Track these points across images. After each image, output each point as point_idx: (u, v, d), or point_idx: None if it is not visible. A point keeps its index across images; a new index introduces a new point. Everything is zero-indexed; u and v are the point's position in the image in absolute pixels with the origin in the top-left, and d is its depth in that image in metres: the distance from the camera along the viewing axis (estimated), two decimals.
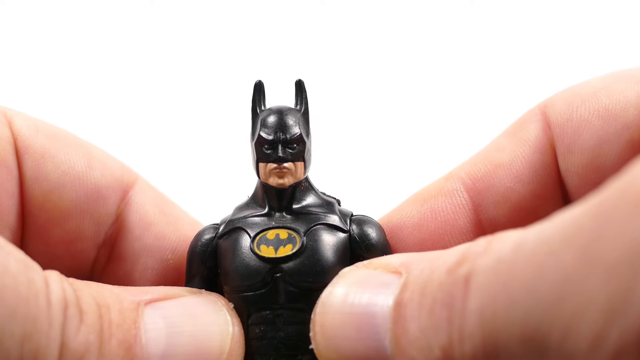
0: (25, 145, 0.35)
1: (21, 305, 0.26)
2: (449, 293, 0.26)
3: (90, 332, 0.28)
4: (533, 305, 0.23)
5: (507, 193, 0.35)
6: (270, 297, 0.31)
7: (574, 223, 0.23)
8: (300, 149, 0.33)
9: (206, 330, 0.31)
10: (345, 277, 0.30)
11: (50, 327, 0.26)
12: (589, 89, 0.35)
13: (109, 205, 0.36)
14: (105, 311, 0.29)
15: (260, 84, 0.34)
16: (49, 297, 0.27)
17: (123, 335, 0.29)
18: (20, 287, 0.26)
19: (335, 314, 0.29)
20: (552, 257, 0.23)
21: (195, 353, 0.30)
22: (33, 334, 0.26)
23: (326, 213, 0.33)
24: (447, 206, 0.35)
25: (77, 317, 0.27)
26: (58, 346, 0.27)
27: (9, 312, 0.25)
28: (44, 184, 0.35)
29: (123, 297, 0.30)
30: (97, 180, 0.36)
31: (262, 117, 0.33)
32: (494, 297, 0.24)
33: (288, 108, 0.34)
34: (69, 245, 0.36)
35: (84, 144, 0.37)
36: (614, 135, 0.33)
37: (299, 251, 0.31)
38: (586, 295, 0.22)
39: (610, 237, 0.22)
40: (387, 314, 0.28)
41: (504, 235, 0.26)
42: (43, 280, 0.27)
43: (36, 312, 0.26)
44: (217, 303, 0.32)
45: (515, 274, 0.24)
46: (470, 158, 0.37)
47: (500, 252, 0.25)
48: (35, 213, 0.35)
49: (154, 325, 0.30)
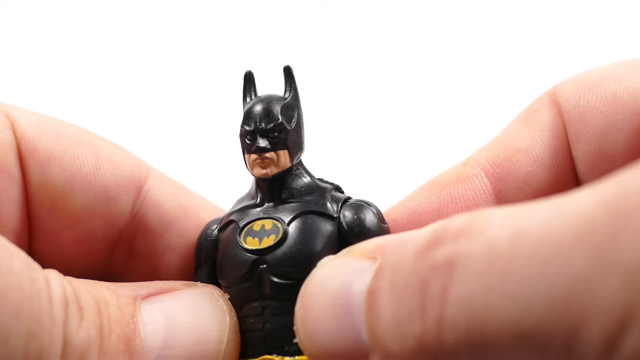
0: (30, 149, 0.34)
1: (25, 304, 0.26)
2: (421, 279, 0.24)
3: (90, 328, 0.28)
4: (534, 302, 0.22)
5: (528, 178, 0.35)
6: (257, 289, 0.31)
7: (587, 220, 0.21)
8: (282, 137, 0.32)
9: (204, 322, 0.31)
10: (324, 268, 0.29)
11: (53, 325, 0.27)
12: (596, 76, 0.34)
13: (121, 205, 0.35)
14: (103, 307, 0.29)
15: (250, 74, 0.34)
16: (50, 295, 0.27)
17: (122, 329, 0.29)
18: (24, 286, 0.26)
19: (314, 307, 0.28)
20: (561, 255, 0.21)
21: (194, 344, 0.30)
22: (37, 332, 0.26)
23: (315, 200, 0.32)
24: (468, 192, 0.35)
25: (77, 314, 0.28)
26: (61, 343, 0.27)
27: (14, 311, 0.25)
28: (51, 190, 0.34)
29: (120, 292, 0.30)
30: (106, 181, 0.35)
31: (245, 108, 0.33)
32: (487, 287, 0.23)
33: (269, 96, 0.33)
34: (81, 247, 0.35)
35: (91, 140, 0.36)
36: (621, 122, 0.33)
37: (280, 241, 0.31)
38: (600, 299, 0.21)
39: (627, 241, 0.20)
40: (361, 303, 0.26)
41: (485, 214, 0.24)
42: (44, 278, 0.27)
43: (39, 310, 0.26)
44: (213, 294, 0.32)
45: (514, 265, 0.22)
46: (488, 144, 0.36)
47: (494, 238, 0.23)
48: (43, 217, 0.34)
49: (152, 318, 0.30)
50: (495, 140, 0.36)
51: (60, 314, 0.27)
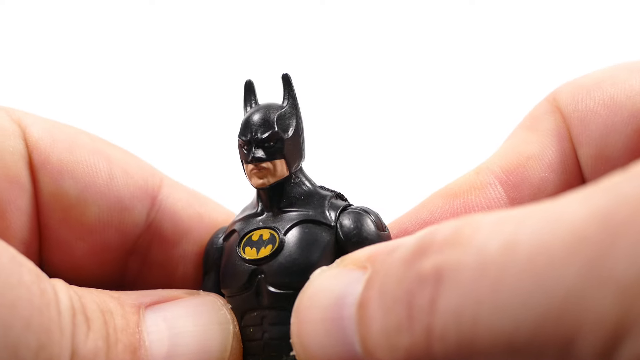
0: (42, 160, 0.34)
1: (35, 316, 0.26)
2: (408, 290, 0.24)
3: (97, 338, 0.28)
4: (527, 315, 0.21)
5: (542, 184, 0.34)
6: (255, 298, 0.31)
7: (578, 232, 0.21)
8: (277, 147, 0.32)
9: (207, 330, 0.31)
10: (316, 280, 0.28)
11: (62, 336, 0.27)
12: (593, 79, 0.34)
13: (135, 215, 0.35)
14: (109, 317, 0.29)
15: (250, 83, 0.34)
16: (58, 306, 0.27)
17: (128, 339, 0.29)
18: (34, 298, 0.26)
19: (308, 322, 0.28)
20: (553, 268, 0.21)
21: (197, 353, 0.30)
22: (47, 343, 0.26)
23: (312, 209, 0.32)
24: (482, 200, 0.34)
25: (84, 324, 0.28)
26: (69, 354, 0.27)
27: (25, 323, 0.25)
28: (64, 201, 0.34)
29: (123, 301, 0.30)
30: (120, 191, 0.35)
31: (243, 118, 0.33)
32: (478, 299, 0.22)
33: (265, 105, 0.33)
34: (95, 256, 0.35)
35: (104, 150, 0.35)
36: (620, 124, 0.33)
37: (276, 251, 0.31)
38: (593, 312, 0.21)
39: (621, 254, 0.20)
40: (353, 315, 0.26)
41: (472, 220, 0.24)
42: (52, 289, 0.27)
43: (49, 321, 0.26)
44: (216, 303, 0.32)
45: (506, 277, 0.22)
46: (497, 152, 0.36)
47: (484, 248, 0.23)
48: (56, 228, 0.34)
49: (156, 327, 0.30)
50: (504, 147, 0.36)
51: (68, 325, 0.27)
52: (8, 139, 0.33)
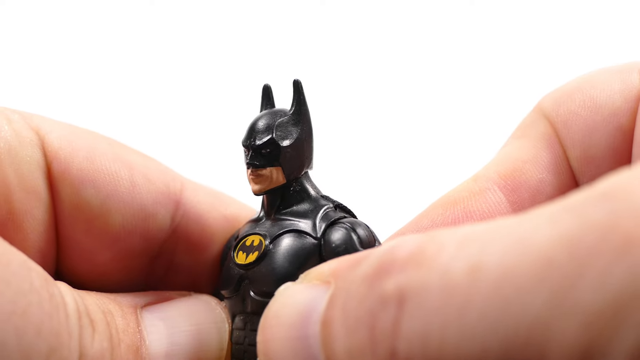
0: (62, 170, 0.33)
1: (46, 321, 0.26)
2: (370, 312, 0.23)
3: (103, 339, 0.28)
4: (494, 341, 0.21)
5: (541, 185, 0.35)
6: (241, 303, 0.31)
7: (545, 258, 0.21)
8: (274, 154, 0.32)
9: (204, 329, 0.31)
10: (281, 297, 0.27)
11: (70, 339, 0.27)
12: (574, 83, 0.35)
13: (159, 221, 0.35)
14: (110, 318, 0.29)
15: (267, 87, 0.34)
16: (66, 309, 0.27)
17: (130, 339, 0.29)
18: (44, 303, 0.26)
19: (273, 340, 0.27)
20: (520, 295, 0.21)
21: (196, 350, 0.31)
22: (57, 347, 0.26)
23: (303, 218, 0.32)
24: (482, 206, 0.34)
25: (89, 326, 0.28)
26: (77, 356, 0.27)
27: (36, 330, 0.25)
28: (87, 211, 0.33)
29: (120, 302, 0.31)
30: (142, 198, 0.34)
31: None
32: (444, 323, 0.22)
33: (270, 112, 0.33)
34: (118, 263, 0.35)
35: (124, 156, 0.35)
36: (601, 123, 0.33)
37: (259, 258, 0.31)
38: (559, 341, 0.20)
39: (588, 284, 0.20)
40: (317, 333, 0.25)
41: (436, 240, 0.23)
42: (59, 293, 0.27)
43: (58, 325, 0.26)
44: (210, 303, 0.32)
45: (473, 303, 0.21)
46: (492, 160, 0.36)
47: (449, 271, 0.22)
48: (79, 238, 0.34)
49: (155, 327, 0.30)
50: (498, 155, 0.36)
51: (75, 328, 0.27)
52: (25, 148, 0.32)
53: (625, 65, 0.35)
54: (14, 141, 0.32)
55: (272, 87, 0.34)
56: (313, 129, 0.33)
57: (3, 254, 0.26)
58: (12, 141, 0.32)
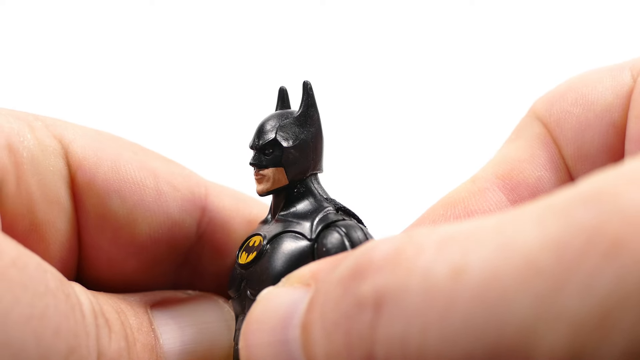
0: (87, 180, 0.33)
1: (63, 322, 0.26)
2: (346, 314, 0.23)
3: (119, 339, 0.28)
4: (478, 346, 0.21)
5: (540, 183, 0.35)
6: (241, 303, 0.31)
7: (531, 263, 0.20)
8: (276, 155, 0.32)
9: (214, 327, 0.32)
10: (262, 300, 0.27)
11: (88, 339, 0.27)
12: (566, 83, 0.35)
13: (186, 229, 0.35)
14: (124, 317, 0.29)
15: (282, 90, 0.34)
16: (82, 309, 0.27)
17: (145, 338, 0.29)
18: (60, 304, 0.26)
19: (255, 345, 0.26)
20: (505, 300, 0.20)
21: (207, 348, 0.31)
22: (75, 347, 0.26)
23: (304, 220, 0.31)
24: (483, 205, 0.34)
25: (105, 326, 0.28)
26: (96, 356, 0.27)
27: (55, 331, 0.25)
28: (113, 221, 0.33)
29: (131, 302, 0.31)
30: (169, 207, 0.34)
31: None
32: (425, 327, 0.21)
33: (278, 113, 0.33)
34: (145, 272, 0.35)
35: (149, 163, 0.34)
36: (594, 120, 0.33)
37: (255, 259, 0.31)
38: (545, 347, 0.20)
39: (577, 291, 0.20)
40: (297, 337, 0.25)
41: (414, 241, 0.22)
42: (74, 293, 0.27)
43: (75, 325, 0.26)
44: (218, 302, 0.33)
45: (455, 306, 0.21)
46: (490, 162, 0.36)
47: (430, 274, 0.21)
48: (105, 248, 0.34)
49: (166, 326, 0.31)
50: (495, 157, 0.36)
51: (92, 327, 0.27)
52: (48, 157, 0.32)
53: (617, 64, 0.35)
54: (36, 151, 0.32)
55: (287, 90, 0.34)
56: (323, 132, 0.33)
57: (18, 257, 0.26)
58: (34, 150, 0.32)
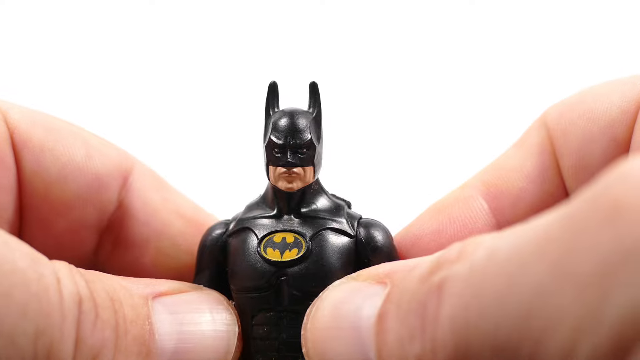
0: (23, 139, 0.34)
1: (32, 302, 0.25)
2: (421, 302, 0.26)
3: (106, 327, 0.28)
4: (503, 317, 0.23)
5: (521, 194, 0.36)
6: (274, 299, 0.32)
7: (545, 234, 0.22)
8: (309, 154, 0.32)
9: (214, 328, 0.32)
10: (335, 291, 0.30)
11: (63, 321, 0.26)
12: (577, 96, 0.36)
13: (111, 193, 0.36)
14: (119, 306, 0.29)
15: (274, 84, 0.34)
16: (61, 291, 0.26)
17: (138, 330, 0.29)
18: (30, 284, 0.25)
19: (324, 329, 0.29)
20: (523, 269, 0.22)
21: (205, 347, 0.31)
22: (46, 329, 0.25)
23: (333, 217, 0.33)
24: (464, 212, 0.36)
25: (92, 311, 0.27)
26: (73, 341, 0.26)
27: (21, 310, 0.25)
28: (45, 177, 0.34)
29: (132, 290, 0.30)
30: (97, 169, 0.35)
31: (274, 119, 0.33)
32: (466, 306, 0.24)
33: (300, 111, 0.33)
34: (73, 234, 0.36)
35: (81, 133, 0.36)
36: (598, 134, 0.34)
37: (303, 256, 0.32)
38: (557, 310, 0.21)
39: (581, 251, 0.21)
40: (371, 326, 0.28)
41: (478, 239, 0.26)
42: (53, 273, 0.27)
43: (48, 307, 0.26)
44: (221, 300, 0.33)
45: (486, 283, 0.23)
46: (483, 169, 0.38)
47: (474, 259, 0.24)
48: (37, 206, 0.35)
49: (165, 322, 0.30)
50: (490, 164, 0.38)
51: (71, 311, 0.26)
52: None
53: (630, 77, 0.35)
54: None
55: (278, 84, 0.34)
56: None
57: None
58: None
